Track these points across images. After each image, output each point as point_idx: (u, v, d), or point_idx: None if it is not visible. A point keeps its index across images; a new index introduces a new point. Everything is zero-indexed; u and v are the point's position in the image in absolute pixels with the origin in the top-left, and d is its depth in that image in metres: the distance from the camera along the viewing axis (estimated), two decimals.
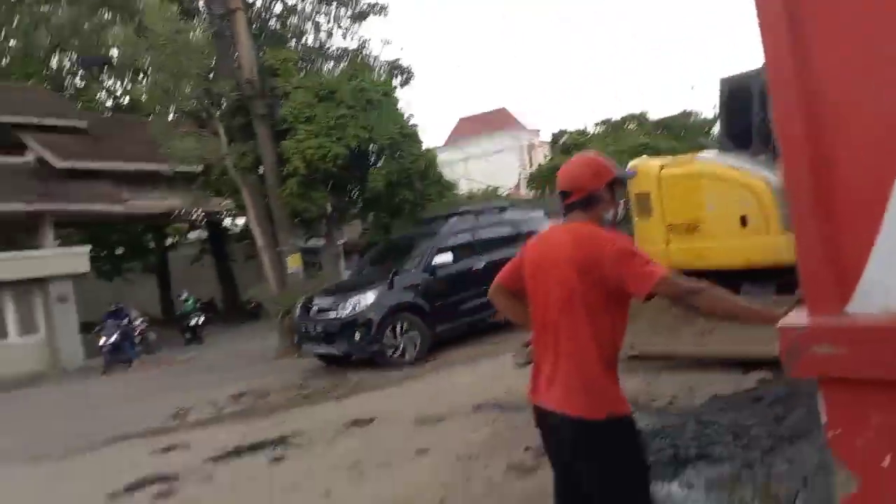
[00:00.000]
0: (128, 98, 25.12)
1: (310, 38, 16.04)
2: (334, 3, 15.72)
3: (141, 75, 21.24)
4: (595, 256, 2.19)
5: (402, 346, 9.48)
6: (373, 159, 14.15)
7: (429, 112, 79.50)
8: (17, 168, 15.72)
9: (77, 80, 26.30)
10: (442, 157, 18.17)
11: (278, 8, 15.95)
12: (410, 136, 14.27)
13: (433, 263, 10.04)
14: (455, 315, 10.12)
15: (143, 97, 20.44)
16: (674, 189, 6.30)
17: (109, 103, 26.16)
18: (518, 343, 8.89)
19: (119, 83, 25.91)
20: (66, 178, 15.87)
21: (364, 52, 16.04)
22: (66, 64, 25.79)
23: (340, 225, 16.09)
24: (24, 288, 14.68)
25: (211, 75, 14.03)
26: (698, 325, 6.03)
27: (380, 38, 33.42)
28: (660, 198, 6.36)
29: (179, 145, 13.54)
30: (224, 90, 13.55)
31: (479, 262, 10.25)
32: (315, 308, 10.08)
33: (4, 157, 15.67)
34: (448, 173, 17.48)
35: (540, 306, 2.37)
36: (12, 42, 24.72)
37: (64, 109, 19.01)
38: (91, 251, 16.69)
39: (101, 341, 13.94)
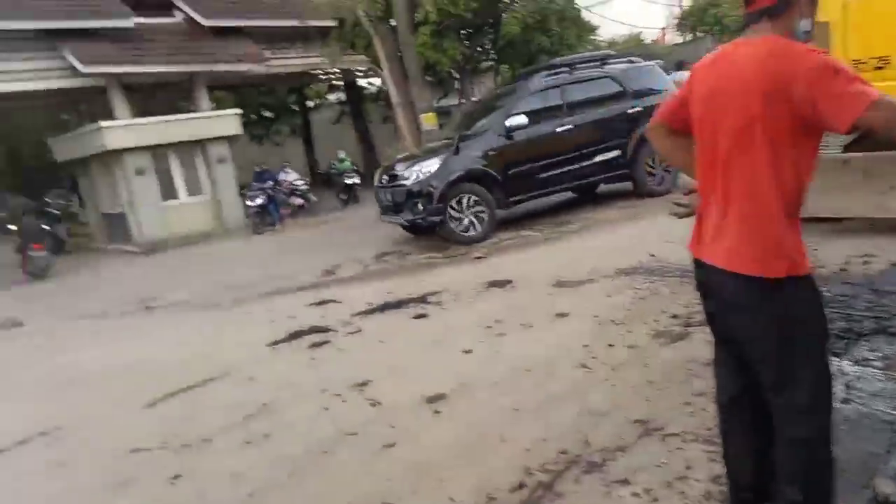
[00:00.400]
0: None
1: None
2: None
3: None
4: (786, 74, 1.71)
5: (466, 220, 8.73)
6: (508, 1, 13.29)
7: None
8: (168, 29, 16.25)
9: None
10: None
11: None
12: None
13: (508, 125, 8.86)
14: (534, 185, 9.12)
15: None
16: (863, 16, 5.35)
17: None
18: (660, 206, 8.33)
19: None
20: (212, 38, 16.35)
21: None
22: None
23: (473, 79, 15.57)
24: (187, 149, 15.65)
25: None
26: (877, 183, 5.28)
27: None
28: (844, 28, 5.45)
29: None
30: None
31: (568, 125, 9.18)
32: (386, 177, 9.37)
33: (156, 19, 16.25)
34: (587, 17, 16.08)
35: (709, 141, 1.93)
36: None
37: None
38: (241, 114, 17.45)
39: (248, 203, 14.81)
